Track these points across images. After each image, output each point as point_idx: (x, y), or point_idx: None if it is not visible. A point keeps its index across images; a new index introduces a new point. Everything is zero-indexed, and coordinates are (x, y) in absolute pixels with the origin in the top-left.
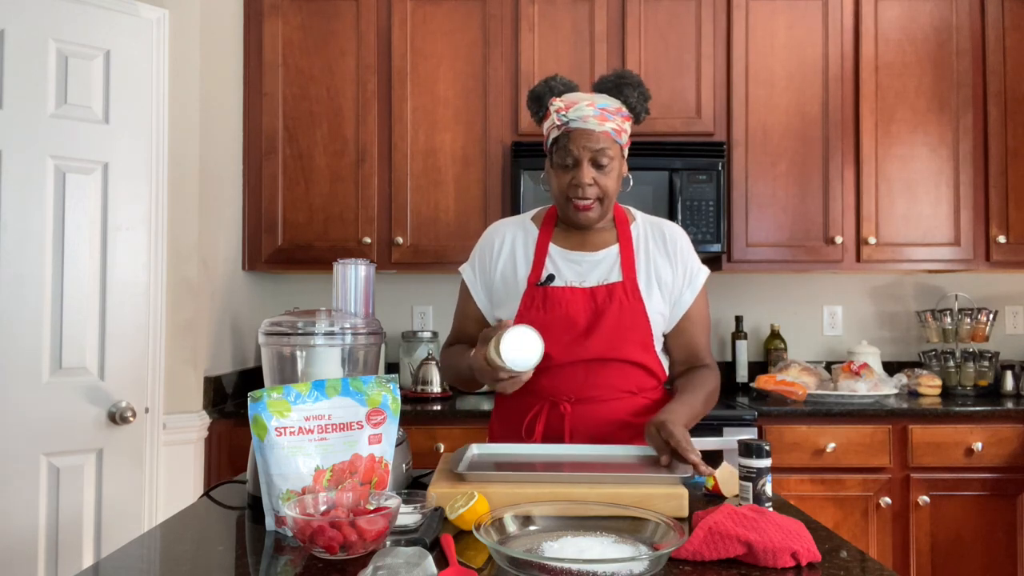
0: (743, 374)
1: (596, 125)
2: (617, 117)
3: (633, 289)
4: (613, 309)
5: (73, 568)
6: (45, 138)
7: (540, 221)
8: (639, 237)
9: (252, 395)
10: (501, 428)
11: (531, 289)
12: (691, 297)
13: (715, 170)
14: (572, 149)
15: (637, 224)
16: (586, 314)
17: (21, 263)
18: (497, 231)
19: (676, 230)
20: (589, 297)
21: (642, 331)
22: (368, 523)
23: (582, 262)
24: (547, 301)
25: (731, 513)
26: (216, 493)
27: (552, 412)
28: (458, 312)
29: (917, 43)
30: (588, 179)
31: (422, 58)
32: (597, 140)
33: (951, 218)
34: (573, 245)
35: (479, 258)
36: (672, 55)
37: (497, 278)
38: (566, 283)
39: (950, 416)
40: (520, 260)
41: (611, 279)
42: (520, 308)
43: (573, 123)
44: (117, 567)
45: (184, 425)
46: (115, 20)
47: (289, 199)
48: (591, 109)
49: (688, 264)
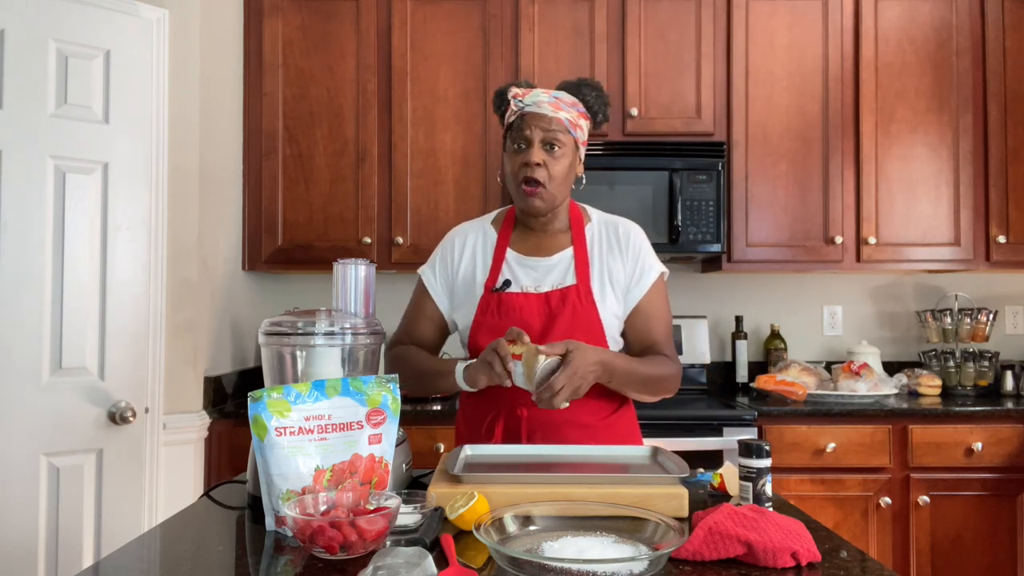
0: (743, 374)
1: (550, 111)
2: (572, 110)
3: (586, 292)
4: (566, 313)
5: (73, 568)
6: (45, 138)
7: (500, 224)
8: (593, 238)
9: (252, 395)
10: (467, 429)
11: (487, 295)
12: (640, 292)
13: (715, 170)
14: (524, 130)
15: (592, 225)
16: (540, 319)
17: (21, 263)
18: (458, 234)
19: (631, 227)
20: (543, 302)
21: (595, 334)
22: (368, 523)
23: (537, 267)
24: (502, 307)
25: (731, 513)
26: (216, 493)
27: (510, 416)
28: (412, 311)
29: (917, 43)
30: (538, 159)
31: (422, 58)
32: (549, 123)
33: (951, 218)
34: (529, 250)
35: (440, 260)
36: (672, 55)
37: (459, 281)
38: (521, 288)
39: (950, 416)
40: (479, 264)
41: (566, 283)
42: (476, 314)
43: (528, 108)
44: (117, 567)
45: (184, 425)
46: (115, 20)
47: (289, 199)
48: (547, 96)
49: (640, 259)
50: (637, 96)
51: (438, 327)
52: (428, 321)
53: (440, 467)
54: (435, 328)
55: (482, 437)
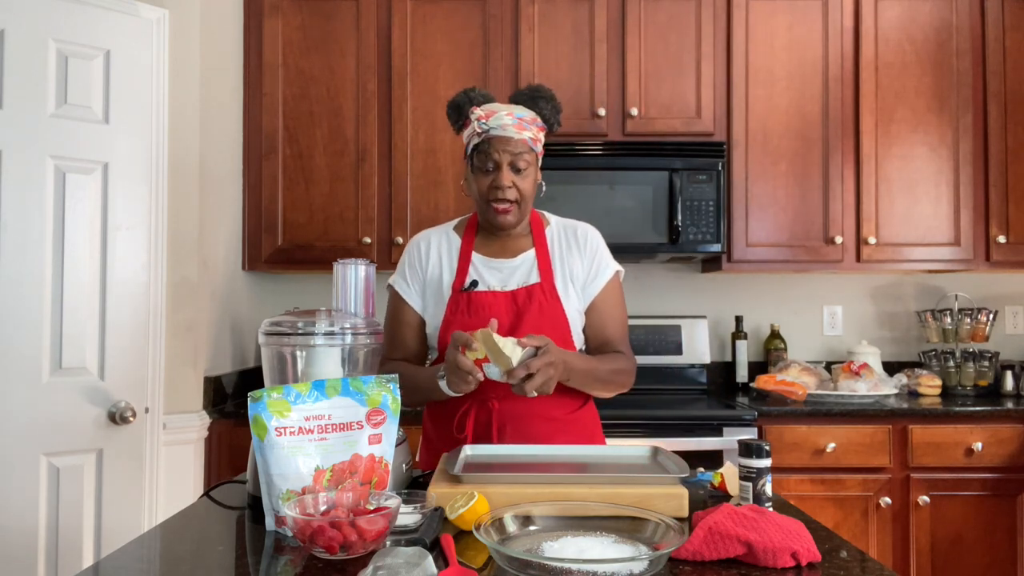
0: (743, 374)
1: (515, 133)
2: (533, 127)
3: (551, 289)
4: (533, 309)
5: (73, 568)
6: (45, 138)
7: (462, 230)
8: (553, 239)
9: (252, 395)
10: (434, 427)
11: (456, 295)
12: (596, 289)
13: (715, 170)
14: (493, 154)
15: (551, 228)
16: (508, 316)
17: (21, 263)
18: (422, 238)
19: (589, 229)
20: (511, 300)
21: (561, 329)
22: (368, 523)
23: (502, 268)
24: (471, 305)
25: (731, 513)
26: (216, 493)
27: (480, 409)
28: (391, 324)
29: (917, 43)
30: (508, 182)
31: (422, 58)
32: (516, 146)
33: (951, 218)
34: (493, 252)
35: (409, 266)
36: (672, 55)
37: (427, 281)
38: (489, 287)
39: (950, 416)
40: (445, 267)
41: (530, 281)
42: (446, 314)
43: (494, 131)
44: (117, 567)
45: (184, 425)
46: (115, 20)
47: (289, 199)
48: (510, 119)
49: (597, 258)
50: (637, 96)
51: (420, 332)
52: (409, 329)
53: (440, 467)
54: (417, 334)
55: (453, 431)
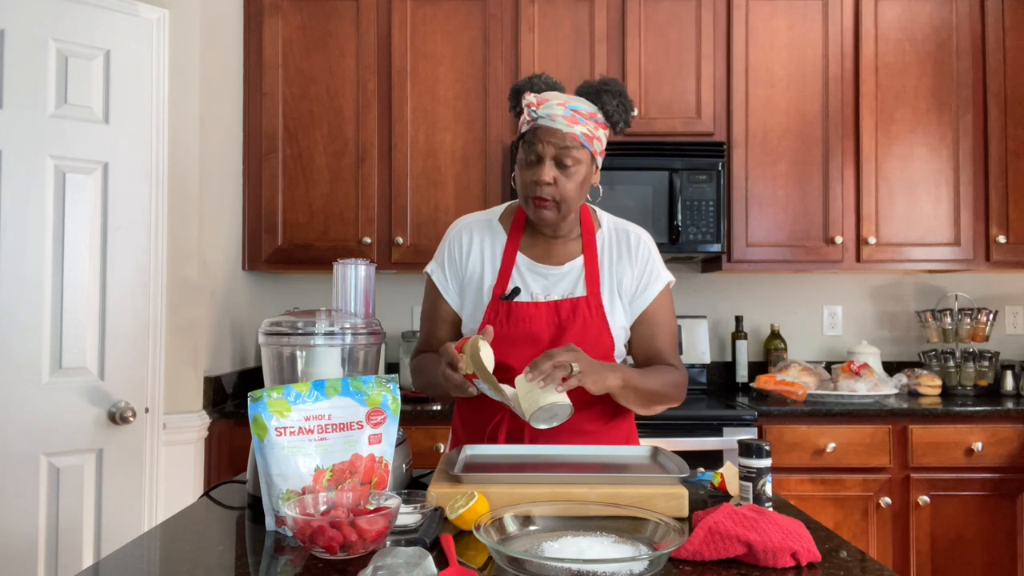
0: (743, 374)
1: (564, 125)
2: (590, 122)
3: (597, 305)
4: (577, 325)
5: (73, 568)
6: (45, 138)
7: (508, 223)
8: (603, 246)
9: (252, 395)
10: (465, 432)
11: (495, 302)
12: (647, 300)
13: (715, 170)
14: (536, 145)
15: (603, 232)
16: (549, 329)
17: (21, 263)
18: (464, 228)
19: (642, 235)
20: (553, 311)
21: (604, 347)
22: (368, 523)
23: (548, 275)
24: (511, 316)
25: (731, 513)
26: (216, 493)
27: (513, 421)
28: (427, 316)
29: (917, 43)
30: (548, 177)
31: (422, 58)
32: (563, 139)
33: (951, 218)
34: (539, 256)
35: (448, 256)
36: (672, 55)
37: (467, 278)
38: (531, 296)
39: (950, 416)
40: (488, 266)
41: (576, 293)
42: (484, 320)
43: (541, 120)
44: (117, 567)
45: (184, 425)
46: (115, 20)
47: (289, 199)
48: (562, 109)
49: (649, 267)
50: (637, 96)
51: (456, 328)
52: (444, 324)
53: (440, 467)
54: (453, 329)
55: (485, 441)
